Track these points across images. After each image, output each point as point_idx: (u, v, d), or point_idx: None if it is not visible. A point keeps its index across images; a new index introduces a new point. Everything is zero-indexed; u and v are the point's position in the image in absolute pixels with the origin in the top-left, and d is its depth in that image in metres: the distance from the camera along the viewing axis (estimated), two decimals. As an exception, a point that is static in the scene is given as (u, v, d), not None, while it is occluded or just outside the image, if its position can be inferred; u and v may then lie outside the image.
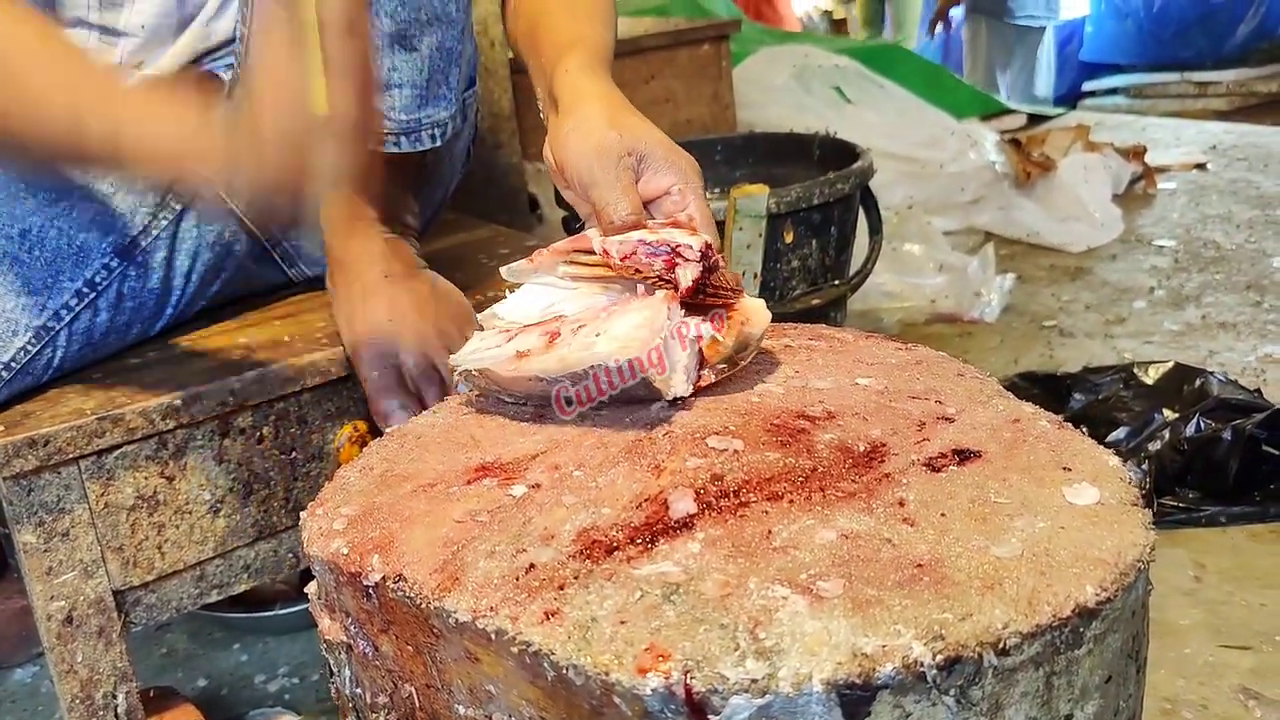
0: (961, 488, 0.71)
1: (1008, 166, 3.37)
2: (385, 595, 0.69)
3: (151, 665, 1.64)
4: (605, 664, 0.58)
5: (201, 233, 1.19)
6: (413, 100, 1.10)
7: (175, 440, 1.10)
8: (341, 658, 0.77)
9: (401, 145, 1.11)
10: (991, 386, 0.87)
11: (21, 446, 1.01)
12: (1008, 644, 0.59)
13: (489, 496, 0.75)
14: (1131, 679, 0.68)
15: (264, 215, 1.11)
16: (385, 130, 1.10)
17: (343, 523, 0.75)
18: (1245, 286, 2.75)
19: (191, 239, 1.18)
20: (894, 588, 0.61)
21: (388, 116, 1.09)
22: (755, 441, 0.78)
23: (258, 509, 1.17)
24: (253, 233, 1.25)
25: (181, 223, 1.18)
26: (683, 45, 2.90)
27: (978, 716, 0.60)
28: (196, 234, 1.19)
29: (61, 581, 1.07)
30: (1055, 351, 2.47)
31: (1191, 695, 1.39)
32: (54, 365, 1.10)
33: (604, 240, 0.89)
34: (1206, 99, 5.55)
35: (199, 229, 1.19)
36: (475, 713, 0.68)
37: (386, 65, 1.07)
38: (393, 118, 1.10)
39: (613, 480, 0.75)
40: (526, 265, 0.93)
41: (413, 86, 1.09)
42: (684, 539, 0.68)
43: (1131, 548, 0.65)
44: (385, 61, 1.07)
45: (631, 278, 0.88)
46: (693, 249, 0.86)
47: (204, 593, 1.17)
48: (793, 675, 0.57)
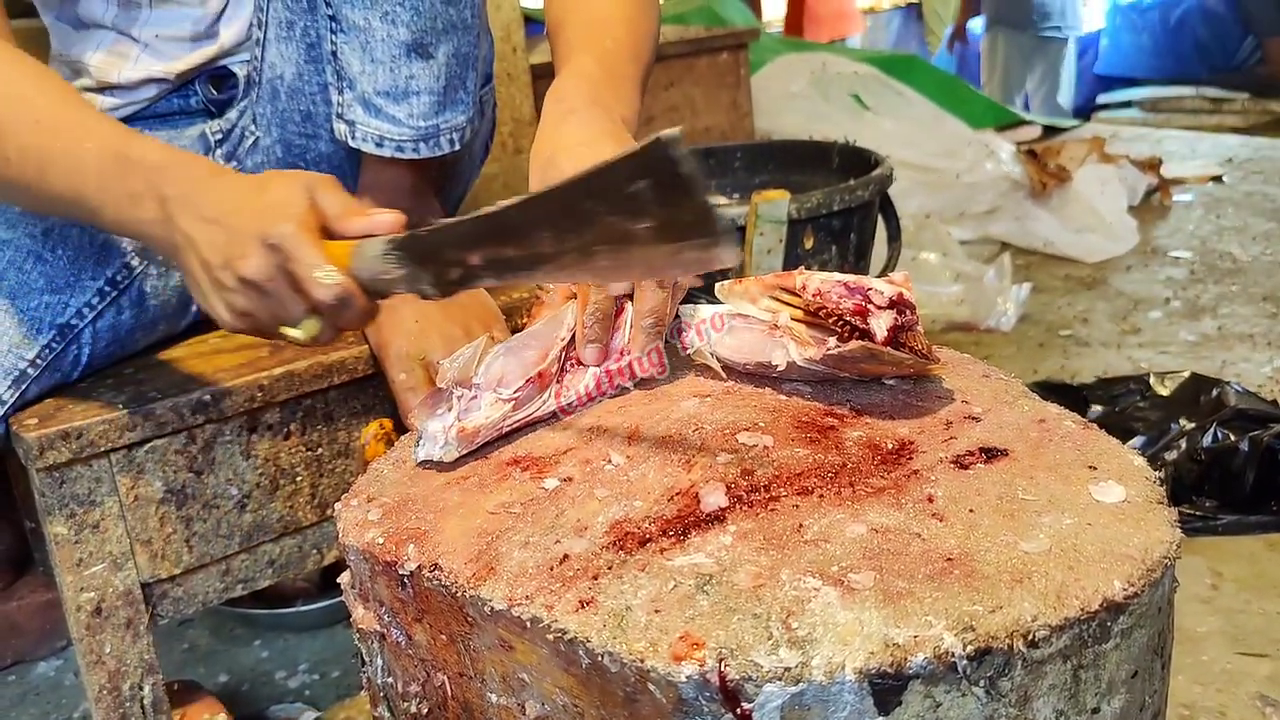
0: (989, 485, 0.72)
1: (1024, 177, 3.38)
2: (420, 584, 0.70)
3: (174, 660, 1.65)
4: (640, 651, 0.59)
5: None
6: (431, 107, 1.11)
7: (204, 435, 1.11)
8: (374, 647, 0.78)
9: (420, 151, 1.12)
10: (1017, 388, 0.88)
11: (55, 439, 1.03)
12: (1037, 636, 0.59)
13: (522, 489, 0.77)
14: (1157, 675, 0.69)
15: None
16: (403, 138, 1.11)
17: (378, 513, 0.76)
18: (1262, 298, 2.75)
19: None
20: (924, 580, 0.62)
21: (406, 124, 1.11)
22: (785, 438, 0.79)
23: (283, 505, 1.18)
24: None
25: None
26: (702, 53, 2.92)
27: (1006, 708, 0.61)
28: None
29: (91, 573, 1.08)
30: (1071, 361, 2.47)
31: (1209, 702, 1.39)
32: (82, 363, 1.12)
33: (805, 275, 0.87)
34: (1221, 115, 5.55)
35: None
36: (508, 701, 0.69)
37: (405, 74, 1.08)
38: (411, 124, 1.10)
39: (644, 474, 0.76)
40: (735, 288, 0.92)
41: (430, 94, 1.10)
42: (716, 531, 0.69)
43: (1158, 544, 0.66)
44: (403, 70, 1.08)
45: (821, 319, 0.85)
46: (883, 295, 0.83)
47: (229, 587, 1.18)
48: (826, 664, 0.58)
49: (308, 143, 1.19)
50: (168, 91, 1.21)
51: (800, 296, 0.86)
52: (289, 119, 1.18)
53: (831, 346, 0.82)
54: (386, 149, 1.11)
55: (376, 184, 1.16)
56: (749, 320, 0.89)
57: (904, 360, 0.83)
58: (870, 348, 0.81)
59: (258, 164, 1.20)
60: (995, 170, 3.39)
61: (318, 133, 1.18)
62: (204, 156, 1.01)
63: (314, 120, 1.17)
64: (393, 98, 1.09)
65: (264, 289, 0.82)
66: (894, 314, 0.83)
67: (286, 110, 1.17)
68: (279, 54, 1.14)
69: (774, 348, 0.87)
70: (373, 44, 1.07)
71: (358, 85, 1.09)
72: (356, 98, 1.10)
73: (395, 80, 1.08)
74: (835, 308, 0.83)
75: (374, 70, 1.08)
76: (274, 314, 0.84)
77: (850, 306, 0.83)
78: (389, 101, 1.09)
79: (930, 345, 0.86)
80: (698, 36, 3.00)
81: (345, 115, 1.11)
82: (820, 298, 0.84)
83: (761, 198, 1.76)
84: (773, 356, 0.86)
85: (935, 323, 2.70)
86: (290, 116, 1.17)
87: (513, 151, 2.32)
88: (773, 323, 0.88)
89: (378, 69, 1.08)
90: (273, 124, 1.18)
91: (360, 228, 0.82)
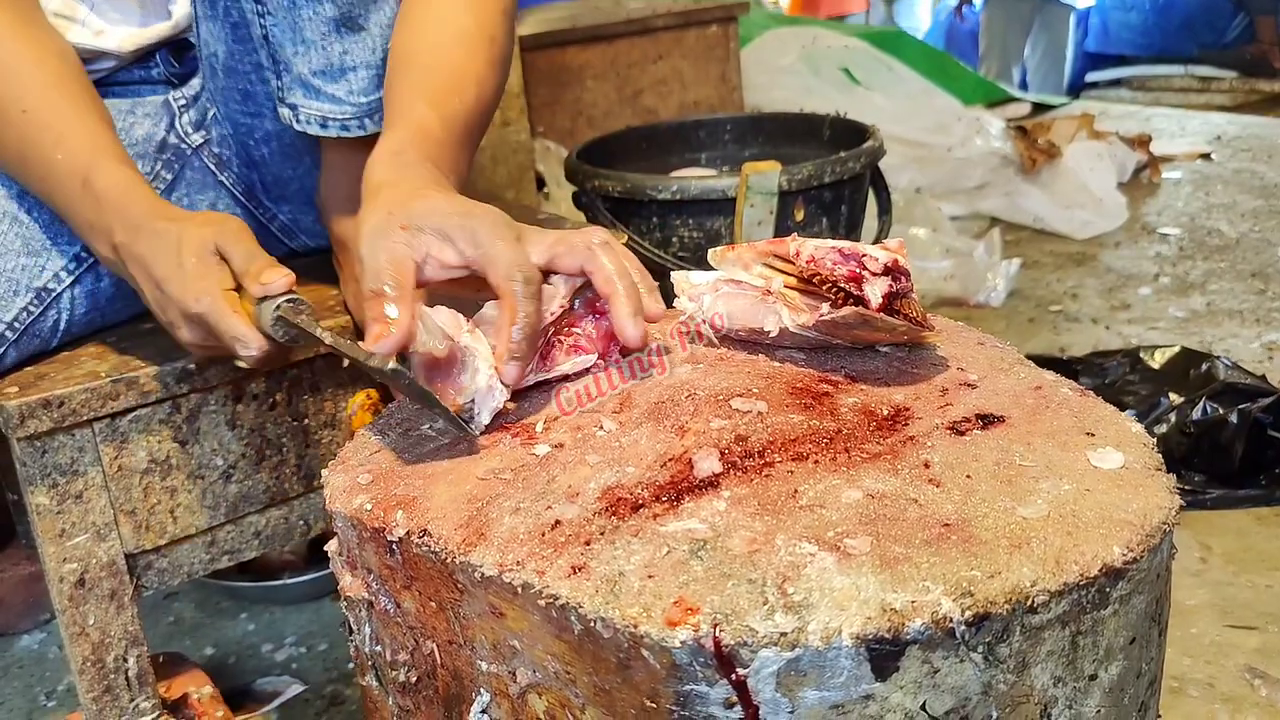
0: (986, 451, 0.71)
1: (1014, 153, 3.37)
2: (409, 551, 0.69)
3: (159, 633, 1.64)
4: (634, 617, 0.58)
5: (193, 204, 1.19)
6: (370, 82, 1.07)
7: (189, 405, 1.10)
8: (362, 615, 0.77)
9: (367, 128, 1.09)
10: (1012, 355, 0.87)
11: (36, 407, 1.01)
12: (1036, 602, 0.59)
13: (512, 455, 0.75)
14: (1154, 642, 0.68)
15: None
16: (346, 116, 1.08)
17: (366, 478, 0.75)
18: (1250, 275, 2.75)
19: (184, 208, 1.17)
20: (922, 546, 0.61)
21: (347, 101, 1.08)
22: (779, 404, 0.78)
23: (269, 475, 1.17)
24: (246, 207, 1.24)
25: (172, 194, 1.17)
26: (691, 26, 2.89)
27: (1004, 674, 0.60)
28: (187, 205, 1.18)
29: (74, 544, 1.07)
30: (1061, 336, 2.47)
31: (1198, 674, 1.39)
32: (61, 328, 1.10)
33: (799, 242, 0.85)
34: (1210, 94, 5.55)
35: (189, 199, 1.19)
36: (498, 668, 0.68)
37: (338, 50, 1.04)
38: (352, 102, 1.07)
39: (636, 440, 0.75)
40: (728, 254, 0.90)
41: (367, 67, 1.06)
42: (710, 497, 0.68)
43: (1157, 510, 0.65)
44: (335, 46, 1.04)
45: (815, 285, 0.83)
46: (878, 261, 0.82)
47: (215, 558, 1.17)
48: (822, 629, 0.57)
49: (253, 121, 1.16)
50: (129, 62, 1.19)
51: (794, 263, 0.85)
52: (231, 98, 1.15)
53: (825, 312, 0.81)
54: (332, 129, 1.08)
55: (339, 166, 1.13)
56: (741, 286, 0.88)
57: (898, 327, 0.82)
58: (864, 314, 0.80)
59: (221, 136, 1.19)
60: (985, 146, 3.38)
61: (260, 111, 1.15)
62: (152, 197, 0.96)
63: (254, 99, 1.14)
64: (329, 76, 1.06)
65: (202, 345, 0.92)
66: (889, 280, 0.82)
67: (227, 89, 1.15)
68: (210, 32, 1.11)
69: (767, 313, 0.85)
70: (300, 23, 1.03)
71: (293, 67, 1.05)
72: (294, 80, 1.06)
73: (329, 58, 1.05)
74: (829, 274, 0.82)
75: (306, 51, 1.04)
76: (221, 352, 0.93)
77: (844, 273, 0.82)
78: (326, 81, 1.06)
79: (925, 312, 0.85)
80: (686, 9, 2.97)
81: (287, 99, 1.08)
82: (814, 264, 0.83)
83: (752, 169, 1.75)
84: (765, 322, 0.85)
85: (925, 298, 2.69)
86: (232, 95, 1.15)
87: (500, 125, 2.30)
88: (765, 289, 0.86)
89: (310, 49, 1.04)
90: (218, 102, 1.16)
91: (255, 294, 0.88)
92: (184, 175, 1.19)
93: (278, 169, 1.20)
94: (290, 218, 1.27)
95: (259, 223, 1.26)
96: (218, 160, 1.20)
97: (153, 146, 1.16)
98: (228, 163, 1.20)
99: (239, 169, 1.21)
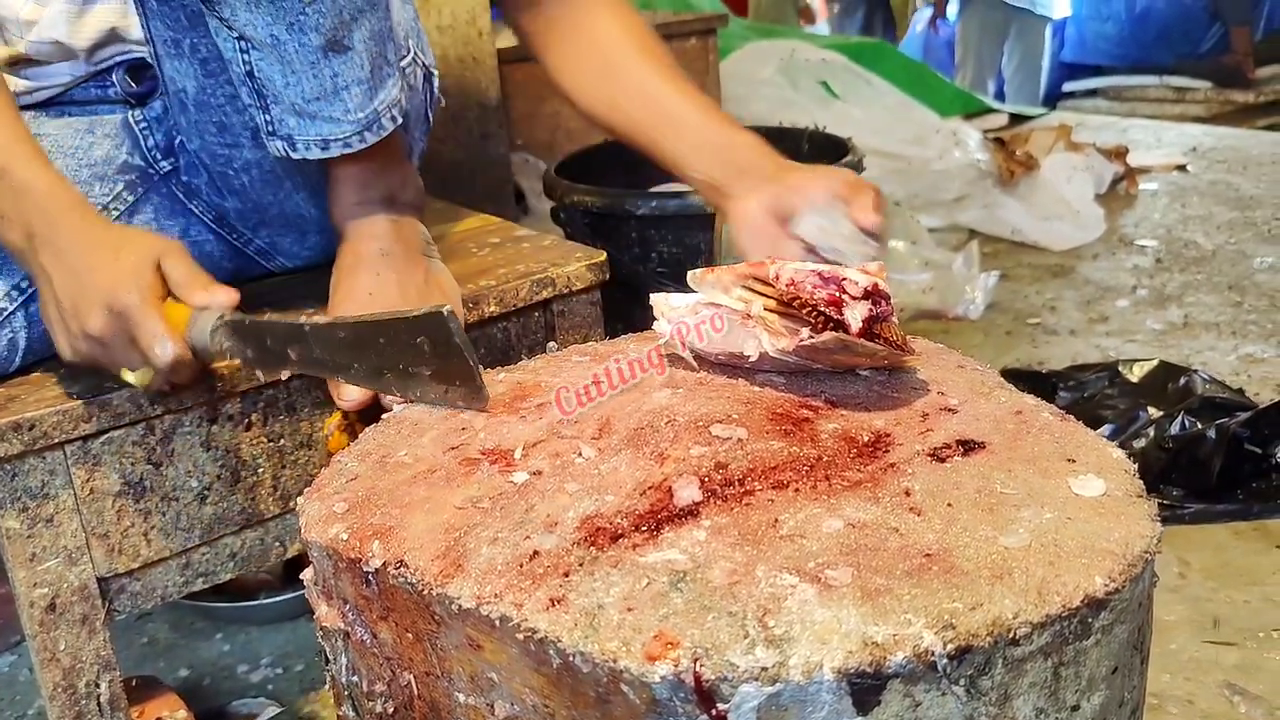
0: (967, 478, 0.71)
1: (992, 165, 3.38)
2: (386, 582, 0.68)
3: (133, 655, 1.62)
4: (613, 651, 0.58)
5: (161, 228, 1.17)
6: (364, 96, 1.06)
7: (163, 426, 1.08)
8: (338, 645, 0.76)
9: (367, 140, 1.09)
10: (992, 378, 0.87)
11: (6, 430, 1.00)
12: (1018, 634, 0.58)
13: (490, 483, 0.75)
14: (1136, 670, 0.68)
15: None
16: (347, 134, 1.08)
17: (342, 506, 0.74)
18: (1227, 287, 2.77)
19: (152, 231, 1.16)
20: (903, 577, 0.61)
21: (345, 120, 1.07)
22: (759, 430, 0.77)
23: (245, 497, 1.16)
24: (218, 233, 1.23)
25: (135, 216, 1.16)
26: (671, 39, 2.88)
27: (987, 706, 0.60)
28: (155, 229, 1.17)
29: (45, 568, 1.05)
30: (1039, 349, 2.48)
31: (1178, 690, 1.39)
32: (19, 348, 1.08)
33: (779, 265, 0.85)
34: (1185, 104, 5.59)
35: (157, 224, 1.17)
36: (476, 701, 0.67)
37: (329, 74, 1.04)
38: (350, 119, 1.07)
39: (615, 467, 0.74)
40: (707, 276, 0.90)
41: (359, 83, 1.06)
42: (689, 526, 0.67)
43: (1139, 539, 0.65)
44: (325, 71, 1.04)
45: (795, 309, 0.83)
46: (858, 285, 0.82)
47: (189, 581, 1.15)
48: (803, 663, 0.56)
49: (231, 151, 1.15)
50: (83, 79, 1.17)
51: (774, 286, 0.85)
52: (206, 130, 1.14)
53: (805, 337, 0.80)
54: (334, 149, 1.07)
55: (344, 179, 1.13)
56: (720, 309, 0.87)
57: (878, 352, 0.82)
58: (844, 339, 0.79)
59: (189, 164, 1.18)
60: (963, 158, 3.39)
61: (238, 141, 1.14)
62: (81, 199, 0.98)
63: (230, 130, 1.13)
64: (324, 100, 1.05)
65: (104, 343, 0.93)
66: (869, 305, 0.81)
67: (200, 122, 1.14)
68: (175, 69, 1.10)
69: (746, 338, 0.85)
70: (288, 56, 1.02)
71: (283, 98, 1.04)
72: (286, 110, 1.05)
73: (321, 84, 1.04)
74: (809, 298, 0.82)
75: (297, 81, 1.03)
76: (112, 360, 0.95)
77: (824, 297, 0.81)
78: (322, 105, 1.05)
79: (905, 336, 0.85)
80: (666, 22, 2.97)
81: (279, 131, 1.06)
82: (794, 288, 0.83)
83: (731, 184, 1.74)
84: (745, 347, 0.85)
85: (903, 310, 2.69)
86: (205, 129, 1.14)
87: (479, 137, 2.29)
88: (745, 312, 0.86)
89: (300, 79, 1.03)
90: (192, 134, 1.15)
91: (200, 302, 0.93)
92: (149, 199, 1.17)
93: (258, 195, 1.19)
94: (268, 241, 1.25)
95: (234, 247, 1.24)
96: (186, 189, 1.19)
97: (113, 168, 1.15)
98: (197, 191, 1.19)
99: (209, 197, 1.20)
